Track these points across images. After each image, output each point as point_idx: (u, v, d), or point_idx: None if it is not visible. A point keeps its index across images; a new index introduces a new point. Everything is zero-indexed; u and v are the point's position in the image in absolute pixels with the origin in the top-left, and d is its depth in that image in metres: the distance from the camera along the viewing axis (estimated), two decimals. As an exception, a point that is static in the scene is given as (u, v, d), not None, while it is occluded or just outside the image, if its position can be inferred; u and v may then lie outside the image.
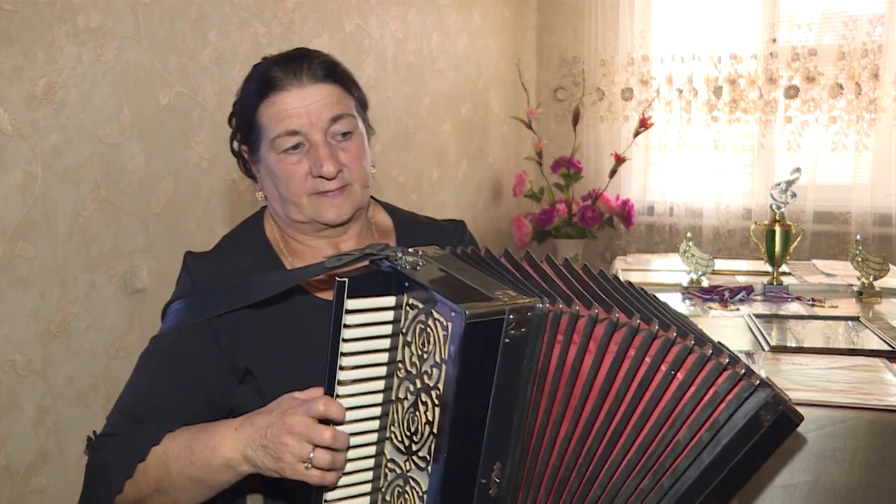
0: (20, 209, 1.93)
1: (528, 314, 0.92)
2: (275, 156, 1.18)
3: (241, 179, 2.56)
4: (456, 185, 3.93)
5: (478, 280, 0.97)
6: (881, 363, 1.71)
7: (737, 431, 0.97)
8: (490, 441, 0.94)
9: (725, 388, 0.95)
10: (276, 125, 1.16)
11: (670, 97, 4.13)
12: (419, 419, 0.94)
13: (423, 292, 0.94)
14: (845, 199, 3.86)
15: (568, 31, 4.39)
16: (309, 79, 1.17)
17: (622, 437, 0.98)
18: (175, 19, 2.31)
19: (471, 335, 0.88)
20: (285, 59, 1.20)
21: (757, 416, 0.97)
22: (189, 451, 1.04)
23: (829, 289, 2.46)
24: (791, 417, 1.00)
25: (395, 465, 0.99)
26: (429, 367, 0.93)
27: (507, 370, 0.92)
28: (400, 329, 0.97)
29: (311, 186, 1.19)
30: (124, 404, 1.15)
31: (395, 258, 0.98)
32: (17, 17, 1.90)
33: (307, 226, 1.24)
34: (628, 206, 4.07)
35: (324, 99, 1.17)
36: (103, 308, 2.15)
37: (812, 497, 1.49)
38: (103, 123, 2.12)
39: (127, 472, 1.06)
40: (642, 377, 0.95)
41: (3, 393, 1.91)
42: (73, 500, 2.07)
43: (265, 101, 1.17)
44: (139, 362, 1.18)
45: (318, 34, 2.88)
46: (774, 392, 0.97)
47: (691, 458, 0.98)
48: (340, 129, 1.19)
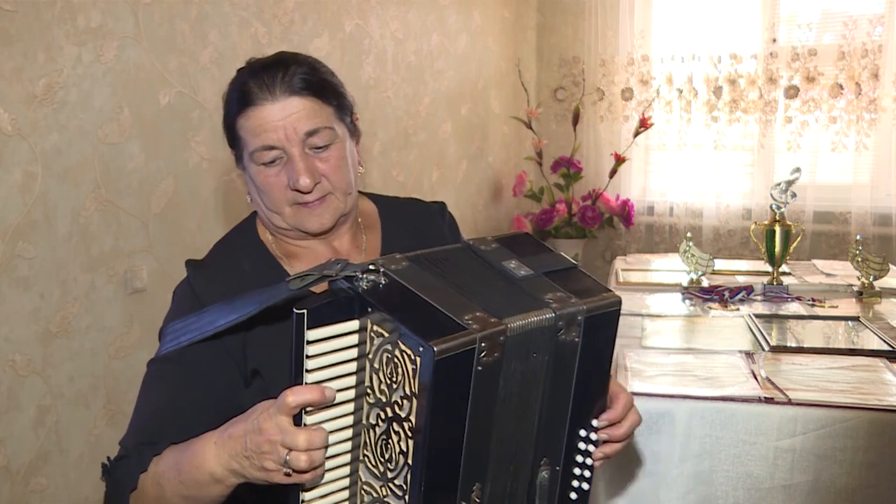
0: (20, 209, 1.93)
1: (500, 339, 0.91)
2: (255, 167, 1.19)
3: (240, 179, 2.56)
4: (456, 185, 3.93)
5: (445, 300, 0.93)
6: (881, 363, 1.71)
7: (553, 367, 1.00)
8: (467, 464, 0.93)
9: (533, 339, 0.98)
10: (254, 139, 1.17)
11: (670, 97, 4.13)
12: (392, 448, 0.92)
13: (387, 319, 0.90)
14: (845, 199, 3.86)
15: (568, 31, 4.39)
16: (282, 92, 1.16)
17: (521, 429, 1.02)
18: (175, 19, 2.31)
19: (441, 370, 0.86)
20: (261, 68, 1.18)
21: (561, 343, 1.00)
22: (177, 471, 1.03)
23: (829, 289, 2.46)
24: (601, 313, 1.02)
25: (371, 489, 0.97)
26: (398, 397, 0.90)
27: (482, 395, 0.91)
28: (366, 353, 0.93)
29: (291, 197, 1.19)
30: (137, 427, 1.15)
31: (355, 278, 0.94)
32: (17, 17, 1.90)
33: (292, 232, 1.24)
34: (628, 206, 4.07)
35: (298, 113, 1.16)
36: (103, 308, 2.15)
37: (812, 497, 1.49)
38: (103, 123, 2.12)
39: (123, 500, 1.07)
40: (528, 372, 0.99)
41: (3, 393, 1.91)
42: (73, 500, 2.07)
43: (242, 115, 1.17)
44: (144, 385, 1.18)
45: (318, 34, 2.88)
46: (561, 312, 0.98)
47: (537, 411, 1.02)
48: (317, 142, 1.18)
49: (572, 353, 1.01)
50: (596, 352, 1.04)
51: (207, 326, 1.12)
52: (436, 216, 1.42)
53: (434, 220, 1.41)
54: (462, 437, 0.92)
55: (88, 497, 2.10)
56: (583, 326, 1.00)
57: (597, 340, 1.03)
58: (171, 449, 1.07)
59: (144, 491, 1.06)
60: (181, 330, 1.15)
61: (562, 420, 1.05)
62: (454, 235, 1.42)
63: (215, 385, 1.15)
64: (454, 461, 0.92)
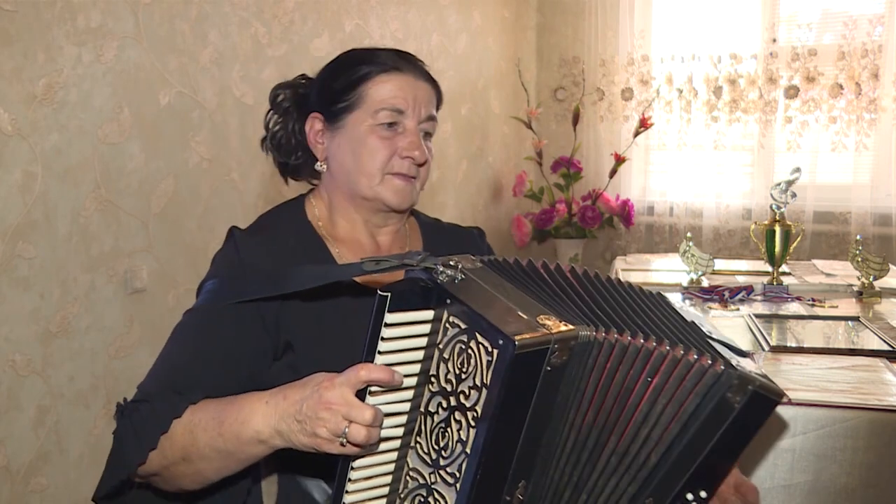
0: (20, 209, 1.93)
1: (571, 343, 0.93)
2: (368, 126, 1.23)
3: (240, 179, 2.56)
4: (456, 185, 3.93)
5: (518, 301, 0.97)
6: (881, 363, 1.71)
7: (705, 418, 0.99)
8: (518, 461, 0.96)
9: (693, 381, 0.99)
10: (385, 99, 1.23)
11: (670, 97, 4.13)
12: (451, 436, 0.95)
13: (466, 312, 0.93)
14: (845, 199, 3.86)
15: (568, 31, 4.39)
16: (421, 74, 1.27)
17: (607, 445, 1.01)
18: (175, 19, 2.31)
19: (517, 365, 0.89)
20: (396, 51, 1.28)
21: (724, 400, 0.99)
22: (217, 423, 1.03)
23: (829, 289, 2.46)
24: (765, 395, 1.01)
25: (419, 475, 0.99)
26: (466, 387, 0.93)
27: (545, 396, 0.94)
28: (436, 343, 0.96)
29: (391, 165, 1.24)
30: (159, 374, 1.14)
31: (435, 271, 0.98)
32: (17, 17, 1.90)
33: (366, 203, 1.27)
34: (628, 206, 4.07)
35: (428, 96, 1.27)
36: (103, 308, 2.15)
37: (812, 497, 1.49)
38: (103, 123, 2.12)
39: (152, 443, 1.05)
40: (625, 388, 0.99)
41: (3, 393, 1.91)
42: (73, 500, 2.07)
43: (382, 76, 1.24)
44: (175, 333, 1.18)
45: (318, 34, 2.88)
46: (740, 373, 0.99)
47: (661, 451, 1.01)
48: (429, 128, 1.28)
49: (727, 415, 1.01)
50: (742, 430, 1.03)
51: (252, 288, 1.14)
52: (476, 239, 1.47)
53: (474, 243, 1.46)
54: (520, 433, 0.94)
55: (88, 497, 2.10)
56: (748, 397, 1.00)
57: (750, 420, 1.03)
58: (211, 401, 1.06)
59: (173, 438, 1.05)
60: (222, 288, 1.17)
61: (683, 471, 1.04)
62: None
63: (246, 350, 1.15)
64: (509, 455, 0.95)
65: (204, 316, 1.17)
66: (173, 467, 1.07)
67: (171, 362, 1.15)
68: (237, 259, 1.19)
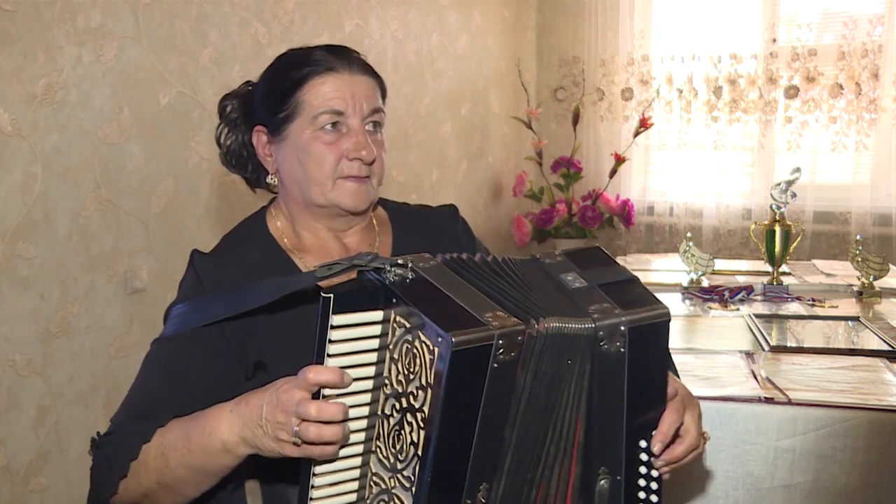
0: (20, 209, 1.93)
1: (518, 338, 0.91)
2: (311, 133, 1.20)
3: (240, 179, 2.55)
4: (456, 185, 3.93)
5: (469, 298, 0.95)
6: (881, 363, 1.71)
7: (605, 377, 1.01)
8: (476, 463, 0.94)
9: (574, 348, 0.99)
10: (323, 102, 1.19)
11: (670, 97, 4.13)
12: (404, 439, 0.93)
13: (411, 311, 0.92)
14: (845, 199, 3.86)
15: (568, 31, 4.39)
16: (358, 68, 1.23)
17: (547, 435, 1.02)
18: (175, 19, 2.31)
19: (457, 362, 0.87)
20: (328, 47, 1.25)
21: (608, 353, 1.00)
22: (186, 440, 1.03)
23: (829, 289, 2.46)
24: (644, 325, 1.02)
25: (380, 480, 0.98)
26: (414, 388, 0.91)
27: (497, 393, 0.92)
28: (387, 344, 0.95)
29: (340, 168, 1.21)
30: (130, 405, 1.14)
31: (384, 270, 0.96)
32: (17, 17, 1.90)
33: (323, 211, 1.24)
34: (628, 206, 4.07)
35: (369, 89, 1.23)
36: (103, 308, 2.15)
37: (812, 497, 1.49)
38: (103, 123, 2.12)
39: (122, 471, 1.05)
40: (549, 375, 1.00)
41: (3, 393, 1.91)
42: (73, 499, 2.07)
43: (315, 79, 1.20)
44: (145, 364, 1.18)
45: (318, 34, 2.88)
46: (607, 324, 0.99)
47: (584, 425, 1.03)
48: (376, 119, 1.24)
49: (618, 364, 1.01)
50: (646, 363, 1.03)
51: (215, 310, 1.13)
52: (448, 219, 1.43)
53: (447, 223, 1.42)
54: (473, 434, 0.92)
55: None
56: (627, 338, 1.00)
57: (646, 352, 1.03)
58: (179, 420, 1.06)
59: (146, 462, 1.05)
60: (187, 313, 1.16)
61: (617, 430, 1.04)
62: (468, 236, 1.42)
63: (215, 374, 1.14)
64: (463, 456, 0.93)
65: (170, 344, 1.16)
66: (152, 495, 1.07)
67: (142, 393, 1.15)
68: (198, 284, 1.19)
